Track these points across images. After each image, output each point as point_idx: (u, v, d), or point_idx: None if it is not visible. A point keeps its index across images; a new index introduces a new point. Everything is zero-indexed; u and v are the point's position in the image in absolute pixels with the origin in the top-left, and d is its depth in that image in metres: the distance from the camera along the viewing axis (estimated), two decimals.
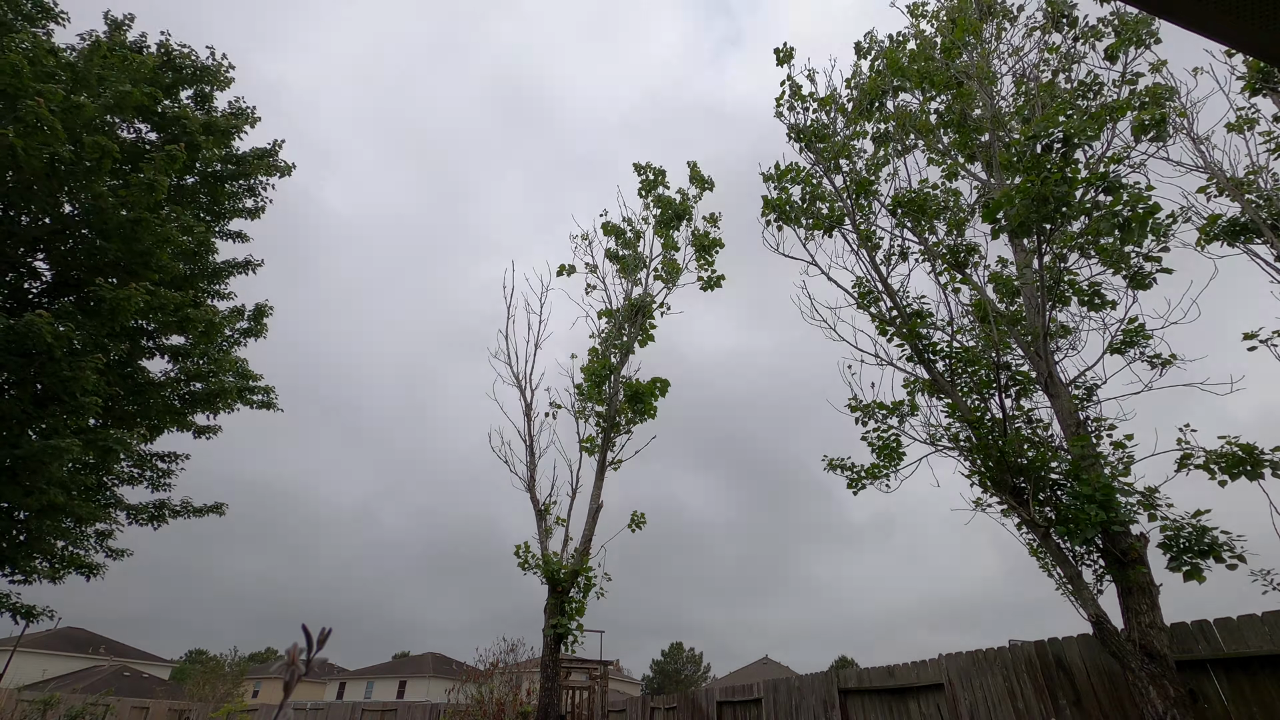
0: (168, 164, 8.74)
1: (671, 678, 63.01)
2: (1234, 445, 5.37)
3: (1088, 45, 8.05)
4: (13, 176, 8.03)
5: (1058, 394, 6.56)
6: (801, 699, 10.19)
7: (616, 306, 12.73)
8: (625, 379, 11.80)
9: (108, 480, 10.55)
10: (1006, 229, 6.15)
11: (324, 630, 3.35)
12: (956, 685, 7.57)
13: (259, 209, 11.69)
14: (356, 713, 21.51)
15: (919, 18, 9.53)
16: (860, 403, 7.89)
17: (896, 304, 7.51)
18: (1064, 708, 6.26)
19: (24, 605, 9.62)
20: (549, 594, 10.00)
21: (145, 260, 9.01)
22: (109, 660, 43.25)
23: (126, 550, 11.08)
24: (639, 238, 13.41)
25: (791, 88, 8.86)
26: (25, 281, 9.30)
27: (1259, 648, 4.95)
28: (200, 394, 10.46)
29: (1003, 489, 6.09)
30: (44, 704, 19.93)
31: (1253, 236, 7.05)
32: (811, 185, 8.41)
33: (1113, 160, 6.54)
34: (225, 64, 10.95)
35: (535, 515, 10.81)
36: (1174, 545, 5.21)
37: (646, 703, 15.55)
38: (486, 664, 14.26)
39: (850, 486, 7.90)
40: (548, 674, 9.67)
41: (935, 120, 8.37)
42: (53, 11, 9.66)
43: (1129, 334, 6.82)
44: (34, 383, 8.25)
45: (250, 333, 11.64)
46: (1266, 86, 7.30)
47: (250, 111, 11.24)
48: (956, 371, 7.39)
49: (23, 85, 7.77)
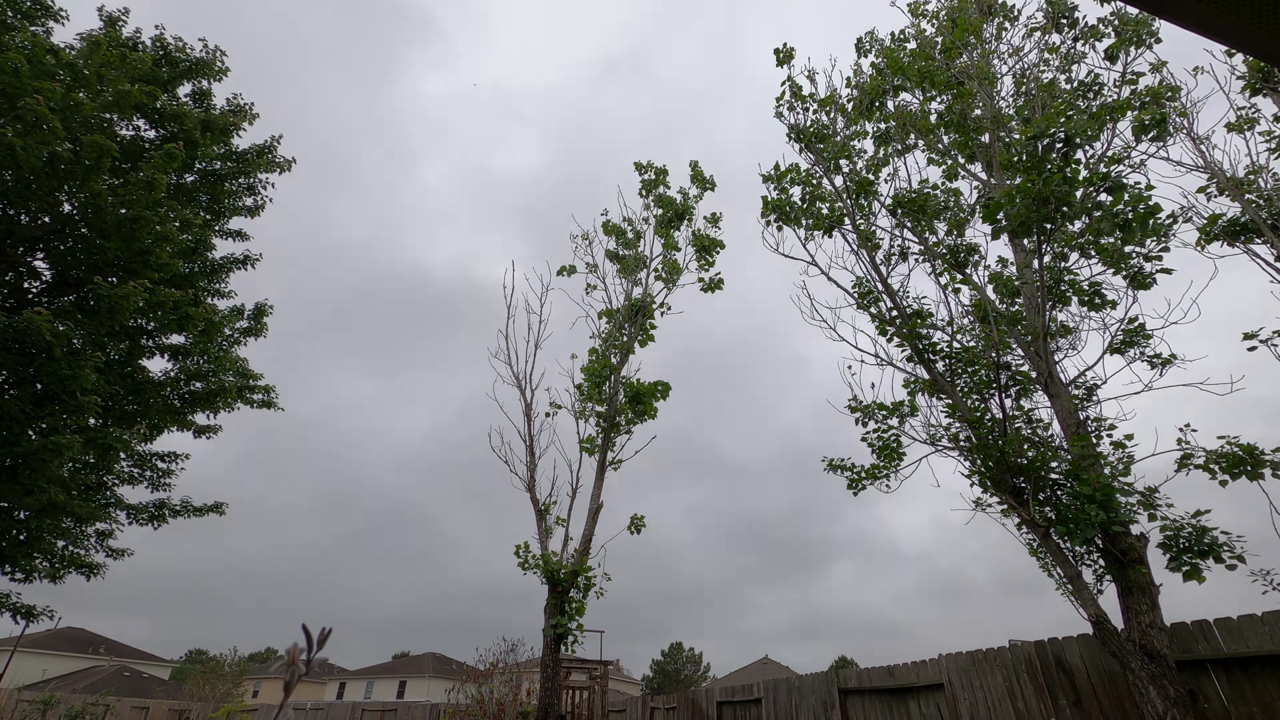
0: (166, 162, 8.74)
1: (671, 678, 63.04)
2: (1234, 445, 5.36)
3: (1088, 45, 8.04)
4: (12, 175, 8.03)
5: (1058, 394, 6.56)
6: (801, 699, 10.19)
7: (617, 306, 12.73)
8: (625, 379, 11.80)
9: (108, 480, 10.55)
10: (1006, 229, 6.15)
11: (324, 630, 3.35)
12: (956, 685, 7.57)
13: (259, 207, 11.68)
14: (356, 713, 21.51)
15: (919, 17, 9.53)
16: (860, 403, 7.89)
17: (896, 304, 7.51)
18: (1064, 708, 6.26)
19: (24, 605, 9.63)
20: (549, 594, 9.99)
21: (144, 258, 9.00)
22: (109, 660, 43.25)
23: (127, 550, 11.09)
24: (639, 238, 13.41)
25: (791, 88, 8.86)
26: (25, 280, 9.30)
27: (1259, 648, 4.95)
28: (200, 393, 10.44)
29: (1003, 489, 6.09)
30: (44, 704, 19.92)
31: (1253, 236, 7.05)
32: (811, 185, 8.41)
33: (1113, 160, 6.54)
34: (219, 54, 10.92)
35: (535, 515, 10.82)
36: (1174, 545, 5.21)
37: (646, 703, 15.55)
38: (486, 664, 14.25)
39: (850, 487, 7.90)
40: (548, 674, 9.67)
41: (935, 120, 8.36)
42: (52, 10, 9.65)
43: (1129, 334, 6.81)
44: (33, 382, 8.24)
45: (250, 332, 11.63)
46: (1266, 86, 7.30)
47: (248, 108, 11.22)
48: (956, 371, 7.39)
49: (21, 84, 7.77)
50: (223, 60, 10.95)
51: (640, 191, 13.56)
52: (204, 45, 10.77)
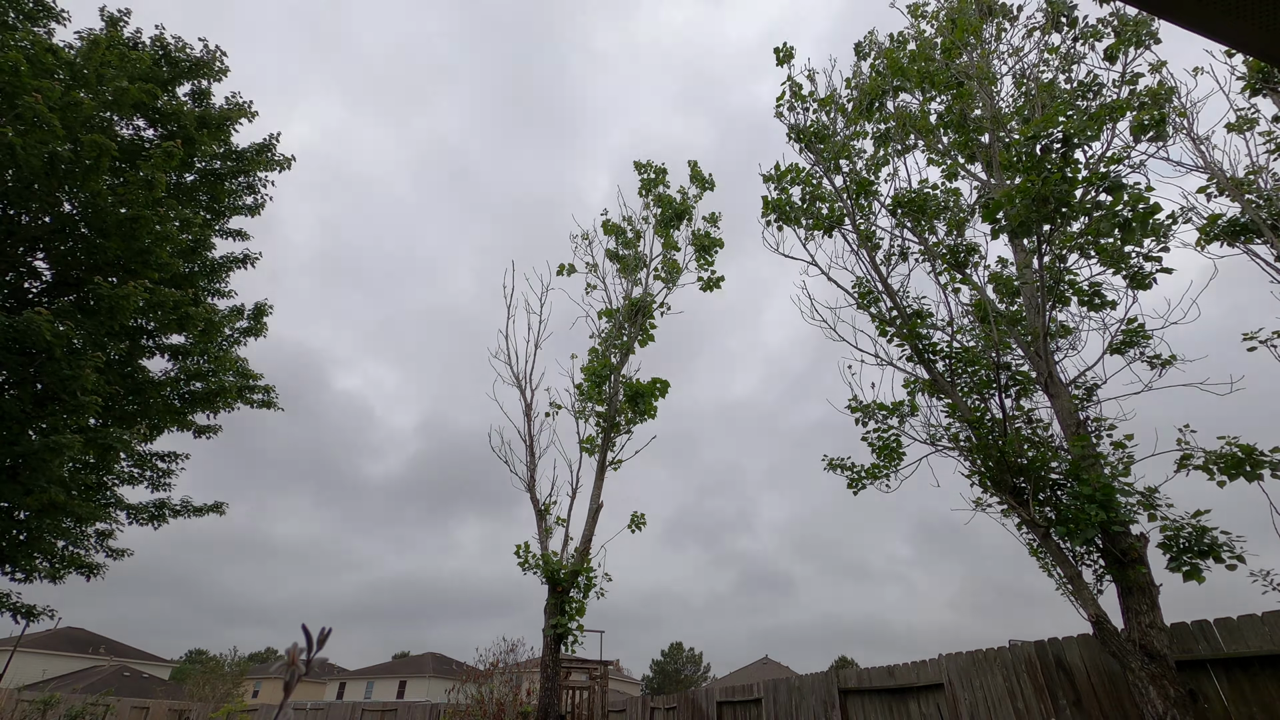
0: (165, 161, 8.73)
1: (671, 678, 63.04)
2: (1233, 446, 5.36)
3: (1087, 46, 8.04)
4: (12, 175, 8.03)
5: (1058, 394, 6.56)
6: (801, 699, 10.19)
7: (616, 306, 12.73)
8: (625, 379, 11.80)
9: (108, 480, 10.55)
10: (1006, 229, 6.15)
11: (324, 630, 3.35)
12: (956, 685, 7.57)
13: (258, 205, 11.68)
14: (356, 713, 21.51)
15: (919, 18, 9.53)
16: (860, 403, 7.90)
17: (896, 304, 7.52)
18: (1064, 708, 6.26)
19: (24, 605, 9.63)
20: (549, 594, 10.00)
21: (144, 258, 9.00)
22: (109, 660, 43.26)
23: (127, 550, 11.09)
24: (639, 237, 13.42)
25: (791, 88, 8.87)
26: (25, 280, 9.30)
27: (1259, 648, 4.95)
28: (200, 393, 10.45)
29: (1003, 489, 6.09)
30: (44, 704, 19.93)
31: (1253, 236, 7.05)
32: (811, 185, 8.41)
33: (1113, 160, 6.53)
34: (219, 55, 10.92)
35: (535, 515, 10.82)
36: (1174, 545, 5.21)
37: (646, 703, 15.55)
38: (486, 664, 14.26)
39: (850, 487, 7.90)
40: (548, 674, 9.67)
41: (935, 120, 8.36)
42: (53, 10, 9.65)
43: (1129, 334, 6.82)
44: (34, 382, 8.24)
45: (250, 332, 11.63)
46: (1266, 86, 7.30)
47: (247, 105, 11.21)
48: (956, 371, 7.39)
49: (21, 83, 7.76)
50: (222, 60, 10.95)
51: (639, 191, 13.57)
52: (204, 45, 10.78)
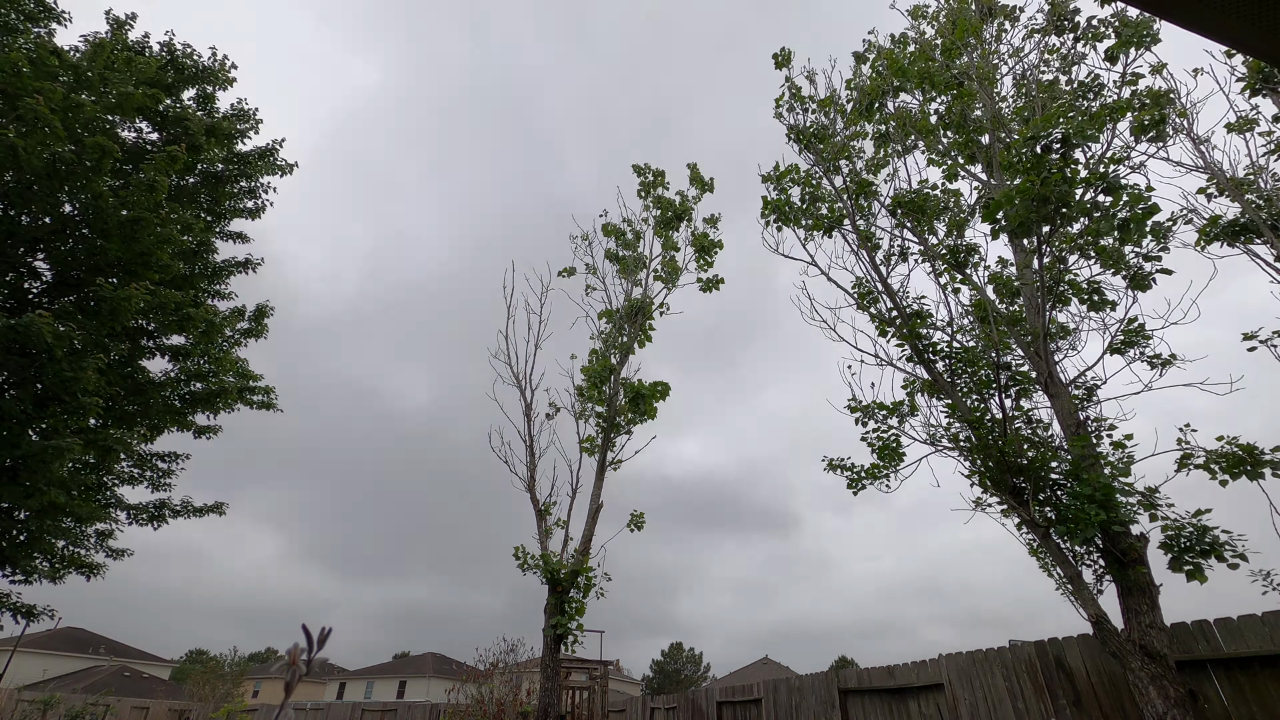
0: (168, 164, 8.74)
1: (671, 678, 63.01)
2: (1234, 445, 5.37)
3: (1088, 46, 8.05)
4: (13, 176, 8.04)
5: (1058, 394, 6.57)
6: (801, 699, 10.19)
7: (616, 307, 12.73)
8: (625, 380, 11.81)
9: (108, 480, 10.56)
10: (1006, 229, 6.16)
11: (324, 630, 3.35)
12: (956, 685, 7.57)
13: (260, 209, 11.69)
14: (356, 713, 21.50)
15: (919, 19, 9.54)
16: (860, 403, 7.90)
17: (896, 304, 7.52)
18: (1064, 708, 6.26)
19: (24, 605, 9.64)
20: (549, 594, 10.00)
21: (145, 260, 9.02)
22: (109, 660, 43.24)
23: (127, 550, 11.10)
24: (639, 238, 13.43)
25: (791, 89, 8.87)
26: (26, 281, 9.30)
27: (1259, 648, 4.95)
28: (200, 394, 10.46)
29: (1003, 489, 6.09)
30: (44, 704, 19.93)
31: (1253, 237, 7.06)
32: (811, 186, 8.42)
33: (1113, 161, 6.54)
34: (228, 64, 10.95)
35: (535, 515, 10.82)
36: (1175, 545, 5.21)
37: (646, 703, 15.54)
38: (486, 664, 14.24)
39: (850, 487, 7.90)
40: (548, 674, 9.67)
41: (935, 121, 8.37)
42: (54, 11, 9.66)
43: (1129, 334, 6.82)
44: (34, 383, 8.25)
45: (251, 333, 11.64)
46: (1266, 87, 7.31)
47: (253, 114, 11.25)
48: (956, 372, 7.40)
49: (23, 84, 7.77)
50: (231, 70, 10.99)
51: (639, 193, 13.58)
52: (212, 54, 10.82)
